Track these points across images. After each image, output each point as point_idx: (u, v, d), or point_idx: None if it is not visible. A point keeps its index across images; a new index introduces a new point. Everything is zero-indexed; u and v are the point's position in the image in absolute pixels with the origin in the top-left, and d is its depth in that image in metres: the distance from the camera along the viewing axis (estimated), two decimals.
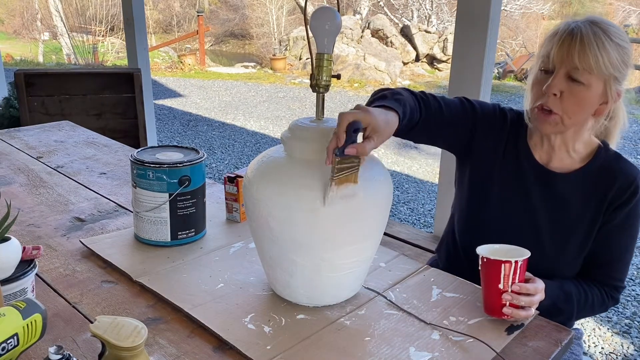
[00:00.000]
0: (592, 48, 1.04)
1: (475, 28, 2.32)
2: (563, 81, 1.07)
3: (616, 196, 1.14)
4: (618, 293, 1.20)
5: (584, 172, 1.17)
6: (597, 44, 1.04)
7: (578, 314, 1.17)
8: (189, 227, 1.27)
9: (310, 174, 0.94)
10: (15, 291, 0.92)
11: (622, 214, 1.14)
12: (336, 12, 0.97)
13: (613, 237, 1.17)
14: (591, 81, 1.06)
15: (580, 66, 1.05)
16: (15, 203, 1.48)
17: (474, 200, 1.26)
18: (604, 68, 1.05)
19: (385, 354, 0.91)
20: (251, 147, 5.55)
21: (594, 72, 1.05)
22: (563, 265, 1.19)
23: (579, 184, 1.17)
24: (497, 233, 1.19)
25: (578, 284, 1.17)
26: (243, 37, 16.82)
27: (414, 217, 3.91)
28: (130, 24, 3.99)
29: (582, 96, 1.07)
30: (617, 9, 16.53)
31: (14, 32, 16.86)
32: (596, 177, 1.16)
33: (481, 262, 1.00)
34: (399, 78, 9.69)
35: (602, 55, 1.04)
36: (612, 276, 1.19)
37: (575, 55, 1.05)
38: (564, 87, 1.07)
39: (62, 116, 3.11)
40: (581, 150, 1.18)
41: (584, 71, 1.05)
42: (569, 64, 1.06)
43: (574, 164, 1.18)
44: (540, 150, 1.20)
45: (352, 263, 1.00)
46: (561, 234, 1.18)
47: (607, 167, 1.16)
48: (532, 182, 1.20)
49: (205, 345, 0.93)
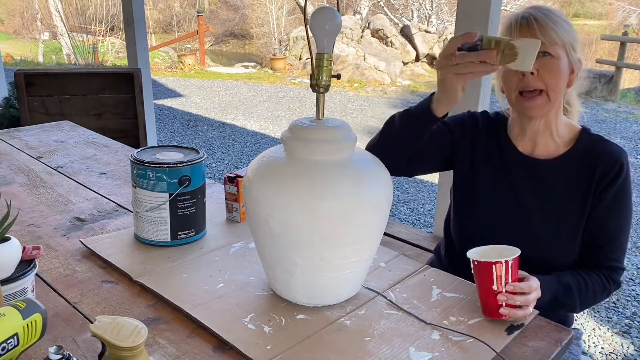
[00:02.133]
0: (548, 23, 1.13)
1: (475, 28, 2.31)
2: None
3: (602, 176, 1.16)
4: (618, 275, 1.20)
5: (568, 156, 1.20)
6: (549, 19, 1.14)
7: (582, 303, 1.17)
8: (189, 227, 1.27)
9: (310, 174, 0.94)
10: (15, 291, 0.92)
11: (610, 193, 1.16)
12: (336, 12, 0.97)
13: (605, 218, 1.18)
14: (557, 51, 1.14)
15: (546, 40, 1.11)
16: (15, 203, 1.48)
17: (465, 202, 1.30)
18: (563, 36, 1.13)
19: (385, 354, 0.91)
20: (251, 147, 5.55)
21: (557, 41, 1.13)
22: (559, 252, 1.20)
23: (564, 168, 1.20)
24: (490, 230, 1.23)
25: (576, 273, 1.17)
26: (243, 37, 16.82)
27: (414, 217, 3.91)
28: (130, 24, 3.99)
29: (556, 66, 1.14)
30: (617, 8, 16.53)
31: (14, 32, 16.86)
32: (581, 160, 1.19)
33: (473, 266, 1.00)
34: (399, 78, 9.68)
35: (556, 27, 1.13)
36: (609, 257, 1.19)
37: (537, 33, 1.12)
38: (538, 64, 1.12)
39: (62, 116, 3.11)
40: (564, 135, 1.22)
41: (550, 44, 1.12)
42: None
43: (558, 149, 1.21)
44: (523, 141, 1.24)
45: (352, 263, 1.00)
46: (553, 220, 1.20)
47: (591, 148, 1.19)
48: (518, 173, 1.23)
49: (205, 345, 0.93)
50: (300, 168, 0.96)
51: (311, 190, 0.93)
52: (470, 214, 1.29)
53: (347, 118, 6.78)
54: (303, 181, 0.94)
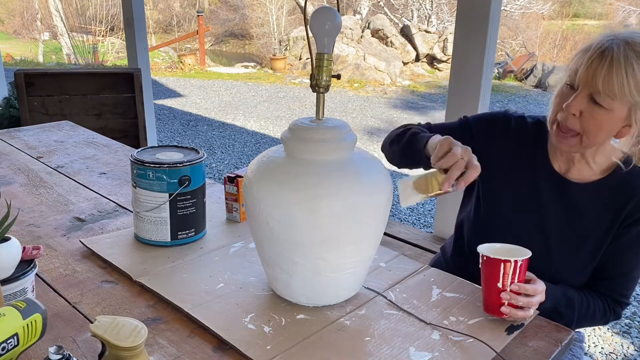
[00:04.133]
0: (620, 74, 0.99)
1: (475, 28, 2.32)
2: (584, 102, 1.05)
3: (632, 211, 1.12)
4: (621, 308, 1.19)
5: (602, 184, 1.14)
6: (625, 69, 0.99)
7: (578, 321, 1.16)
8: (189, 227, 1.27)
9: (310, 174, 0.94)
10: (15, 291, 0.92)
11: (635, 230, 1.13)
12: (336, 12, 0.97)
13: (623, 252, 1.15)
14: (613, 106, 1.03)
15: (603, 91, 1.01)
16: (15, 203, 1.48)
17: (486, 207, 1.25)
18: (629, 95, 1.00)
19: (385, 354, 0.91)
20: (251, 147, 5.55)
21: (617, 98, 1.01)
22: (570, 274, 1.18)
23: (595, 195, 1.15)
24: (506, 239, 1.17)
25: (582, 292, 1.16)
26: (243, 37, 16.82)
27: (414, 217, 3.91)
28: (130, 24, 3.99)
29: (602, 119, 1.04)
30: (617, 8, 16.53)
31: (14, 32, 16.86)
32: (614, 190, 1.13)
33: (481, 260, 1.00)
34: (399, 78, 9.69)
35: (628, 82, 0.99)
36: (617, 291, 1.17)
37: (600, 80, 1.01)
38: (584, 108, 1.04)
39: (62, 116, 3.11)
40: (602, 162, 1.15)
41: (607, 96, 1.02)
42: (593, 86, 1.02)
43: (593, 175, 1.16)
44: (559, 160, 1.18)
45: (352, 263, 1.00)
46: (572, 242, 1.17)
47: (627, 181, 1.13)
48: (547, 191, 1.18)
49: (205, 345, 0.93)
50: (300, 168, 0.96)
51: (311, 190, 0.93)
52: (490, 223, 1.24)
53: (347, 118, 6.79)
54: (303, 181, 0.94)
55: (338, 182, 0.94)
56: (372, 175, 0.98)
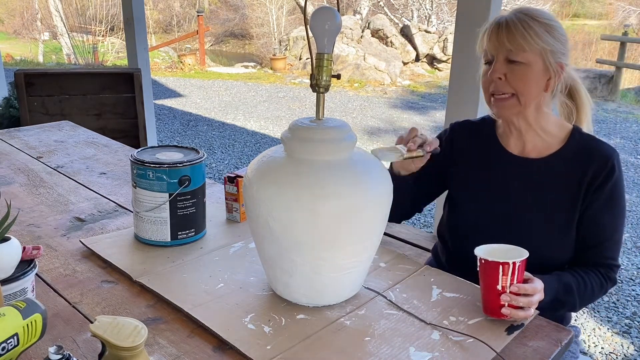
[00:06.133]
0: (518, 29, 1.13)
1: (475, 28, 2.32)
2: (503, 65, 1.16)
3: (595, 176, 1.17)
4: (614, 272, 1.21)
5: (560, 155, 1.21)
6: (521, 25, 1.13)
7: (581, 302, 1.18)
8: (189, 227, 1.27)
9: (310, 174, 0.94)
10: (15, 291, 0.92)
11: (603, 194, 1.17)
12: (336, 12, 0.97)
13: (599, 218, 1.19)
14: (528, 58, 1.14)
15: (512, 47, 1.13)
16: (15, 203, 1.48)
17: (457, 204, 1.33)
18: (533, 43, 1.12)
19: (385, 354, 0.91)
20: (251, 147, 5.55)
21: (526, 48, 1.13)
22: (552, 252, 1.20)
23: (555, 166, 1.21)
24: (479, 229, 1.26)
25: (575, 272, 1.17)
26: (243, 37, 16.82)
27: (414, 217, 3.91)
28: (130, 24, 3.99)
29: (524, 73, 1.14)
30: (617, 8, 16.54)
31: (14, 32, 16.86)
32: (573, 159, 1.19)
33: (479, 264, 1.00)
34: (399, 78, 9.69)
35: (528, 32, 1.12)
36: (605, 256, 1.20)
37: (505, 39, 1.14)
38: (506, 70, 1.15)
39: (62, 116, 3.11)
40: (554, 133, 1.22)
41: (517, 50, 1.13)
42: (503, 49, 1.15)
43: (549, 148, 1.22)
44: (511, 141, 1.26)
45: (352, 263, 1.00)
46: (542, 215, 1.21)
47: (583, 148, 1.20)
48: (508, 173, 1.25)
49: (205, 345, 0.93)
50: (300, 168, 0.96)
51: (311, 190, 0.93)
52: (461, 215, 1.31)
53: (347, 118, 6.79)
54: (303, 181, 0.94)
55: (338, 182, 0.94)
56: (372, 175, 0.98)
